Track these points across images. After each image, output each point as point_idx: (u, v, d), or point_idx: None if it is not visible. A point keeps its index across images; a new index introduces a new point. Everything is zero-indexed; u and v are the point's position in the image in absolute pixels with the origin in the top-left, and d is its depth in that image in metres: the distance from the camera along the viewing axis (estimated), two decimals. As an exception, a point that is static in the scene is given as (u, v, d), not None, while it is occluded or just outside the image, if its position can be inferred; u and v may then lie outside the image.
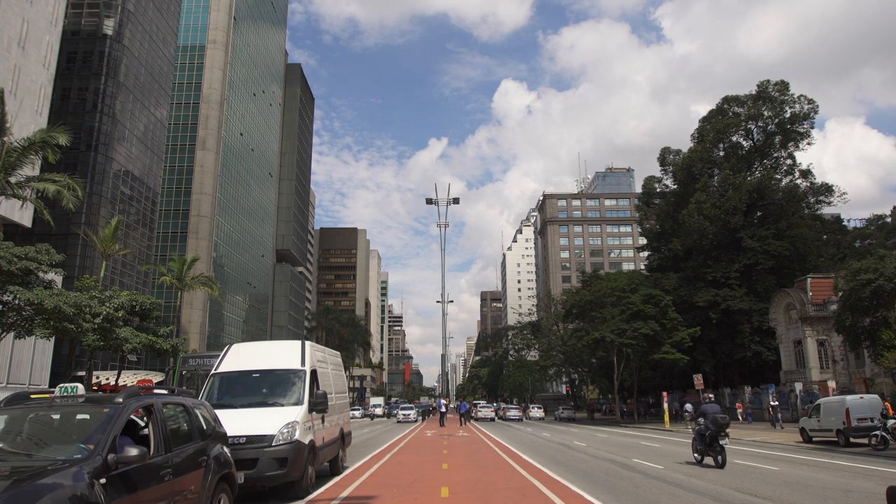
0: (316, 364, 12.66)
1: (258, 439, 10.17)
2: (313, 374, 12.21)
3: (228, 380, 12.10)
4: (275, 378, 12.08)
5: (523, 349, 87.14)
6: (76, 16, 64.85)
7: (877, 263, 28.19)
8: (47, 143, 27.17)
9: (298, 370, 11.98)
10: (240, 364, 12.36)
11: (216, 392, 11.87)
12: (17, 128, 34.09)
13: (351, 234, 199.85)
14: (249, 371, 12.24)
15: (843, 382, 39.37)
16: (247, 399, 11.71)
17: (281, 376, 12.05)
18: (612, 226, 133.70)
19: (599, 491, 11.79)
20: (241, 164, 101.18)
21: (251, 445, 10.08)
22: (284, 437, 10.34)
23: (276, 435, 10.29)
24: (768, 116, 54.88)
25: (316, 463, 11.64)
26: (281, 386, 11.90)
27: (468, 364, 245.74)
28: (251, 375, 12.21)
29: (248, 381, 12.16)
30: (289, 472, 10.20)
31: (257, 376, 12.19)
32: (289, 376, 11.95)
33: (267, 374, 12.18)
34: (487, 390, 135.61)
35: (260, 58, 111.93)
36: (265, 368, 12.24)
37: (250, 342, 14.93)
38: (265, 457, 10.02)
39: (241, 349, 13.04)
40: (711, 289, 51.52)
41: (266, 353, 13.10)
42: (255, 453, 10.00)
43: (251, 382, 12.13)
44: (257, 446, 10.09)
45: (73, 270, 52.50)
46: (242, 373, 12.24)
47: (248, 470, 9.83)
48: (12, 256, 21.22)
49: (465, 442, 25.24)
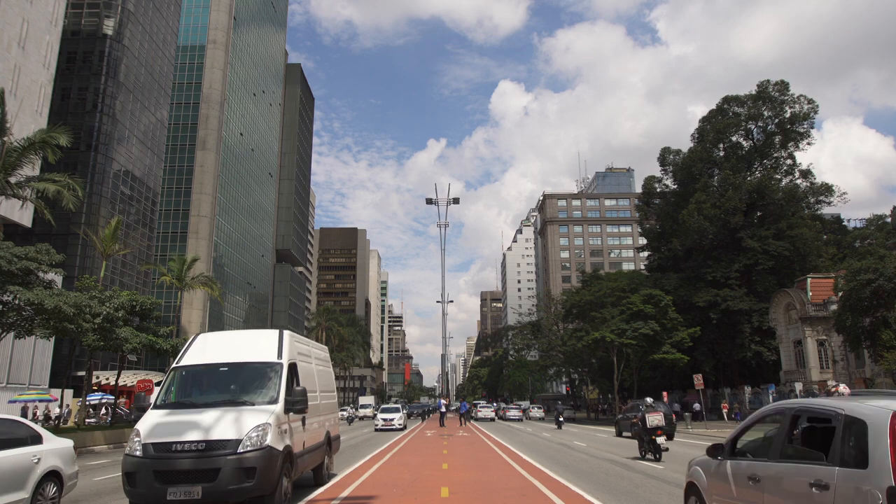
0: (297, 357, 11.06)
1: (220, 445, 8.62)
2: (292, 368, 10.56)
3: (191, 375, 10.42)
4: (246, 373, 10.34)
5: (523, 349, 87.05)
6: (76, 16, 64.85)
7: (877, 263, 28.21)
8: (47, 143, 27.16)
9: (274, 363, 10.22)
10: (206, 356, 10.53)
11: (175, 389, 10.22)
12: (17, 128, 34.08)
13: (351, 234, 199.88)
14: (216, 364, 10.43)
15: (843, 382, 39.35)
16: (211, 397, 9.95)
17: (253, 371, 10.31)
18: (612, 226, 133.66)
19: (599, 491, 11.78)
20: (241, 164, 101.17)
21: (212, 453, 8.54)
22: (253, 443, 8.72)
23: (243, 440, 8.69)
24: (768, 116, 54.89)
25: (294, 472, 10.07)
26: (252, 382, 10.16)
27: (468, 364, 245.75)
28: (218, 370, 10.42)
29: (214, 376, 10.44)
30: (258, 485, 8.61)
31: (225, 371, 10.41)
32: (262, 371, 10.22)
33: (237, 367, 10.40)
34: (487, 390, 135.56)
35: (260, 58, 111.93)
36: (235, 361, 10.43)
37: (220, 331, 13.18)
38: (228, 466, 8.46)
39: (209, 339, 11.17)
40: (711, 289, 51.50)
41: (237, 343, 11.10)
42: (216, 462, 8.46)
43: (218, 378, 10.41)
44: (219, 454, 8.53)
45: (73, 270, 52.49)
46: (208, 366, 10.43)
47: (206, 483, 8.37)
48: (12, 256, 21.22)
49: (465, 442, 25.23)
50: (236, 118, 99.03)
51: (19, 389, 44.01)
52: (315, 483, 12.40)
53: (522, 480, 13.08)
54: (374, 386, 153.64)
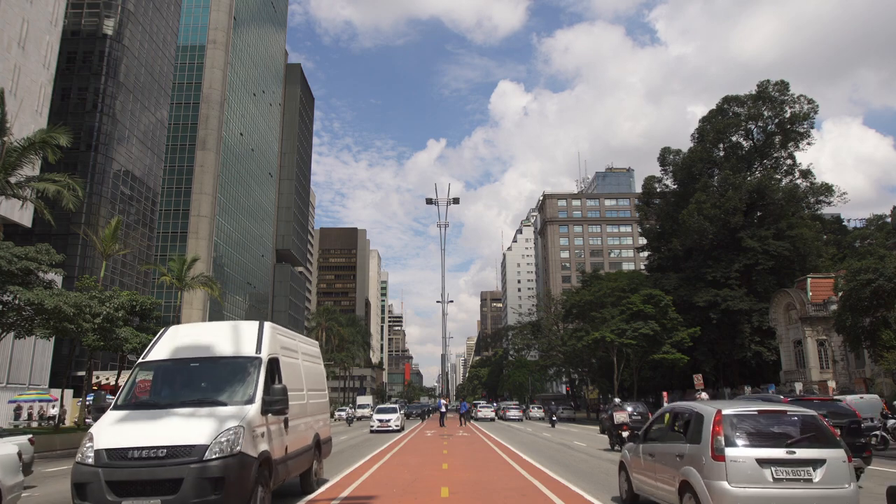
0: (279, 352, 10.06)
1: (184, 451, 7.62)
2: (272, 363, 9.61)
3: (157, 371, 9.41)
4: (219, 369, 9.33)
5: (523, 349, 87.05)
6: (76, 16, 64.85)
7: (877, 263, 28.20)
8: (47, 143, 27.17)
9: (251, 358, 9.23)
10: (175, 351, 9.55)
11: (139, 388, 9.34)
12: (17, 128, 34.08)
13: (351, 234, 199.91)
14: (186, 360, 9.44)
15: (843, 382, 39.38)
16: (178, 396, 8.98)
17: (227, 366, 9.30)
18: (612, 226, 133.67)
19: (600, 491, 11.78)
20: (241, 164, 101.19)
21: (174, 461, 7.54)
22: (222, 449, 7.70)
23: (211, 445, 7.68)
24: (768, 116, 54.91)
25: (274, 481, 9.01)
26: (226, 379, 9.16)
27: (468, 364, 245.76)
28: (188, 365, 9.43)
29: (182, 372, 9.44)
30: (227, 497, 7.57)
31: (196, 367, 9.42)
32: (238, 367, 9.23)
33: (209, 363, 9.41)
34: (487, 390, 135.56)
35: (260, 58, 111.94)
36: (207, 356, 9.45)
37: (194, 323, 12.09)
38: (192, 476, 7.45)
39: (181, 332, 10.14)
40: (711, 289, 51.51)
41: (211, 336, 9.95)
42: (178, 471, 7.48)
43: (187, 375, 9.42)
44: (182, 461, 7.54)
45: (73, 270, 52.50)
46: (177, 362, 9.43)
47: (167, 495, 7.41)
48: (12, 256, 21.23)
49: (465, 442, 25.23)
50: (236, 118, 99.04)
51: (19, 389, 44.02)
52: (302, 491, 11.35)
53: (522, 480, 13.08)
54: (375, 386, 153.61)
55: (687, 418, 8.48)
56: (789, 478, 7.25)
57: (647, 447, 9.46)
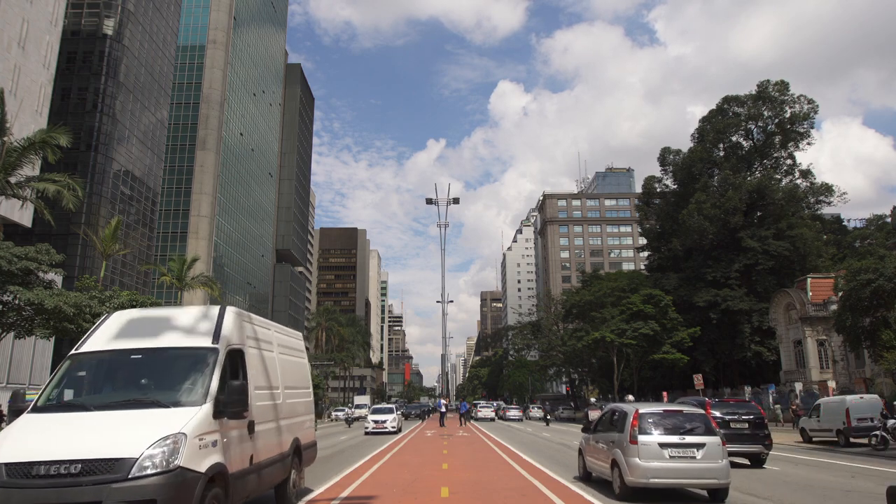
0: (246, 343, 8.50)
1: (104, 467, 6.05)
2: (235, 356, 8.05)
3: (91, 365, 7.83)
4: (165, 362, 7.72)
5: (523, 349, 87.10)
6: (76, 16, 64.83)
7: (877, 263, 28.19)
8: (47, 143, 27.14)
9: (206, 349, 7.66)
10: (116, 340, 7.95)
11: (65, 384, 7.66)
12: (17, 128, 34.08)
13: (351, 234, 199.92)
14: (126, 351, 7.77)
15: (843, 382, 39.37)
16: (111, 396, 7.45)
17: (176, 359, 7.72)
18: (612, 226, 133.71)
19: (600, 490, 11.78)
20: (241, 164, 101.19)
21: (89, 479, 5.98)
22: (156, 463, 6.13)
23: (140, 459, 6.10)
24: (768, 116, 54.94)
25: (233, 499, 7.37)
26: (173, 374, 7.59)
27: (468, 364, 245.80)
28: (128, 358, 7.74)
29: (121, 366, 7.80)
30: None
31: (137, 359, 7.72)
32: (189, 359, 7.66)
33: (154, 355, 7.74)
34: (487, 390, 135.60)
35: (260, 58, 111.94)
36: (152, 346, 7.80)
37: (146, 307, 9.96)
38: (113, 499, 5.91)
39: (127, 317, 8.53)
40: (711, 289, 51.52)
41: (162, 323, 8.37)
42: (93, 493, 5.92)
43: (126, 369, 7.77)
44: (100, 479, 5.98)
45: (73, 270, 52.49)
46: (114, 353, 7.79)
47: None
48: (12, 256, 21.22)
49: (465, 442, 25.24)
50: (236, 118, 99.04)
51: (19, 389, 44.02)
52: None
53: (522, 480, 13.09)
54: (374, 386, 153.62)
55: (617, 416, 11.72)
56: (680, 455, 10.48)
57: (594, 437, 12.75)
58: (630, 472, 10.47)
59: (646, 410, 11.09)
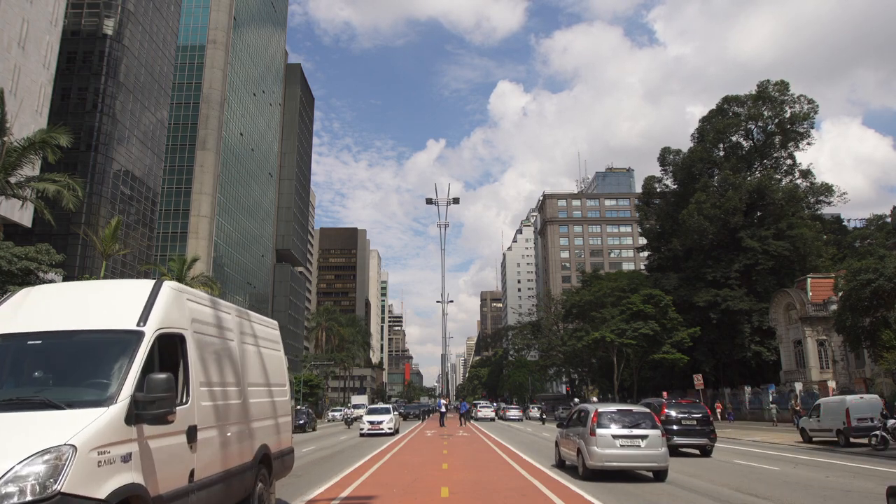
0: (189, 327, 6.65)
1: None
2: (170, 342, 6.31)
3: None
4: (70, 349, 5.94)
5: (523, 349, 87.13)
6: (76, 16, 64.81)
7: (877, 263, 28.19)
8: (47, 143, 27.14)
9: (126, 332, 5.86)
10: (15, 322, 6.14)
11: None
12: (17, 128, 34.06)
13: (351, 234, 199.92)
14: (22, 335, 6.00)
15: (843, 382, 39.37)
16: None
17: (84, 345, 5.94)
18: (612, 226, 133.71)
19: (600, 491, 11.78)
20: (241, 164, 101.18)
21: None
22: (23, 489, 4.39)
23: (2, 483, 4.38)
24: (768, 116, 54.92)
25: None
26: (77, 365, 5.85)
27: (468, 364, 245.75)
28: (23, 343, 5.99)
29: (13, 354, 5.99)
30: None
31: (35, 345, 5.97)
32: (100, 345, 5.91)
33: (56, 339, 5.96)
34: (487, 390, 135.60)
35: (260, 58, 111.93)
36: (55, 329, 6.01)
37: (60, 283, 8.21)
38: None
39: (35, 295, 6.69)
40: (711, 289, 51.51)
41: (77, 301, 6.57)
42: None
43: (18, 358, 6.00)
44: None
45: (73, 270, 52.47)
46: (7, 338, 5.99)
47: None
48: (12, 256, 21.24)
49: (465, 442, 25.24)
50: (236, 118, 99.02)
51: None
52: None
53: (522, 480, 13.09)
54: (375, 386, 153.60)
55: (582, 413, 14.47)
56: (629, 444, 13.10)
57: (566, 430, 15.46)
58: (590, 458, 13.10)
59: (603, 409, 13.82)
